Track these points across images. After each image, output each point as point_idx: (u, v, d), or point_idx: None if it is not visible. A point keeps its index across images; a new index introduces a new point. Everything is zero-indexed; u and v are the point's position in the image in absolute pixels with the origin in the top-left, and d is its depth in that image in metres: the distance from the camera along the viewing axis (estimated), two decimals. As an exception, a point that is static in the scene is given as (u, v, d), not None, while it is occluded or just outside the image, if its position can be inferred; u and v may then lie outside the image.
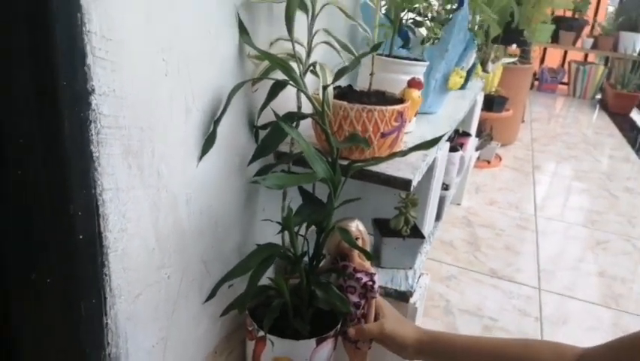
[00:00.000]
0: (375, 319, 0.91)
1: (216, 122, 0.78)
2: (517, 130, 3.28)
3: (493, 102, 2.45)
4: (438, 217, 1.38)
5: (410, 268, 1.08)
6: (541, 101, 4.98)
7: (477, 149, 2.24)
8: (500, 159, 2.80)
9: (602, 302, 1.56)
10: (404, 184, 0.83)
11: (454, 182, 1.55)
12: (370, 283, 0.88)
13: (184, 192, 0.76)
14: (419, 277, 1.09)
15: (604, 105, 5.08)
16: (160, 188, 0.70)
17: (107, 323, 0.64)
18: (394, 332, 0.86)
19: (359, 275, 0.88)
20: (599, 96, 5.43)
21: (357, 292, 0.89)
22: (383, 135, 0.87)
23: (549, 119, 4.29)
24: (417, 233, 1.08)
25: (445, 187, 1.41)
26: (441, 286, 1.52)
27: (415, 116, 1.10)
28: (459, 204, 2.14)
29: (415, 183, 0.85)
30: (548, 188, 2.55)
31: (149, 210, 0.69)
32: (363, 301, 0.89)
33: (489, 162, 2.68)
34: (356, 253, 0.89)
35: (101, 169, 0.59)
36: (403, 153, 0.79)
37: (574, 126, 4.08)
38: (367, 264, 0.90)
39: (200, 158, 0.77)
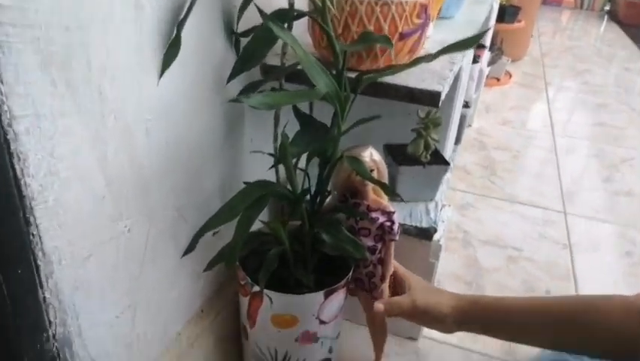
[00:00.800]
0: (396, 291, 0.75)
1: (180, 24, 0.58)
2: (528, 44, 3.04)
3: (505, 12, 2.22)
4: (458, 140, 1.20)
5: (431, 200, 0.92)
6: (547, 15, 4.68)
7: (487, 65, 2.03)
8: (510, 75, 2.59)
9: (635, 224, 1.41)
10: (431, 98, 0.65)
11: (473, 99, 1.36)
12: (388, 223, 0.71)
13: (142, 118, 0.57)
14: (441, 209, 0.93)
15: (613, 16, 4.78)
16: (105, 114, 0.51)
17: (44, 297, 0.48)
18: (428, 304, 0.71)
19: (374, 215, 0.72)
20: (607, 7, 5.10)
21: (372, 235, 0.73)
22: (402, 37, 0.68)
23: (557, 33, 4.02)
24: (439, 159, 0.90)
25: (466, 104, 1.22)
26: (457, 216, 1.37)
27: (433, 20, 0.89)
28: (469, 126, 1.95)
29: (443, 97, 0.66)
30: (563, 104, 2.36)
31: (92, 145, 0.50)
32: (379, 245, 0.73)
33: (498, 80, 2.47)
34: (370, 188, 0.72)
35: (6, 88, 0.41)
36: (432, 57, 0.59)
37: (583, 39, 3.82)
38: (384, 201, 0.73)
39: (161, 73, 0.58)
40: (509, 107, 2.23)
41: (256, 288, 0.73)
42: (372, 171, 0.69)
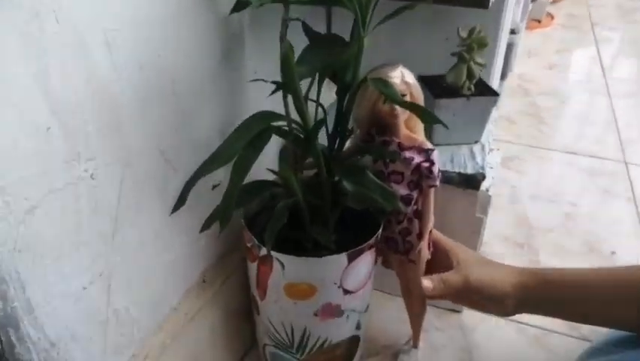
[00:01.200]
0: (437, 266, 0.60)
1: None
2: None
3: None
4: (503, 74, 1.03)
5: (476, 141, 0.75)
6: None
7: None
8: (552, 17, 2.35)
9: None
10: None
11: (519, 26, 1.17)
12: (426, 164, 0.56)
13: (99, 27, 0.43)
14: (489, 153, 0.77)
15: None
16: (40, 12, 0.37)
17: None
18: (484, 282, 0.56)
19: (408, 154, 0.56)
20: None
21: (406, 181, 0.58)
22: None
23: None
24: (485, 89, 0.74)
25: (512, 31, 1.04)
26: (502, 170, 1.20)
27: None
28: (510, 71, 1.75)
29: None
30: (614, 46, 2.13)
31: (23, 55, 0.36)
32: (415, 193, 0.58)
33: (539, 22, 2.25)
34: (401, 120, 0.56)
35: None
36: None
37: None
38: (421, 136, 0.58)
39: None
40: (553, 50, 2.01)
41: (264, 251, 0.59)
42: (404, 96, 0.53)
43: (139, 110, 0.49)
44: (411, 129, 0.57)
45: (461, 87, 0.71)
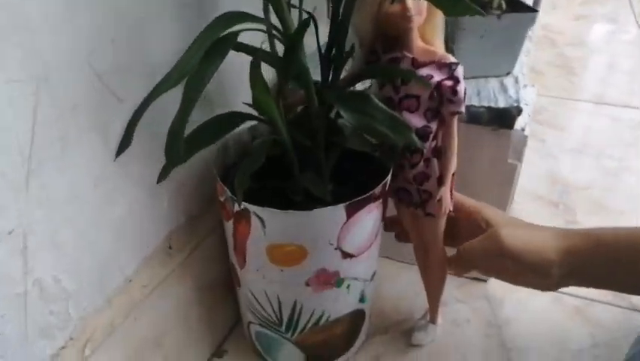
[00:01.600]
0: (462, 233, 0.47)
1: None
2: None
3: None
4: (536, 3, 0.88)
5: (508, 73, 0.61)
6: None
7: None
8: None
9: None
10: None
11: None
12: (450, 82, 0.42)
13: None
14: (524, 87, 0.62)
15: None
16: None
17: None
18: (522, 246, 0.44)
19: (425, 71, 0.42)
20: None
21: (423, 109, 0.44)
22: None
23: None
24: (519, 5, 0.59)
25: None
26: (530, 123, 1.05)
27: None
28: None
29: None
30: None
31: None
32: (434, 125, 0.44)
33: (564, -28, 2.06)
34: (416, 26, 0.42)
35: None
36: None
37: None
38: (440, 50, 0.43)
39: None
40: (579, 2, 1.83)
41: (240, 206, 0.46)
42: None
43: (56, 9, 0.36)
44: (427, 42, 0.43)
45: (490, 2, 0.57)
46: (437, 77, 0.42)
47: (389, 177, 0.48)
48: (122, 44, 0.42)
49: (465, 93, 0.42)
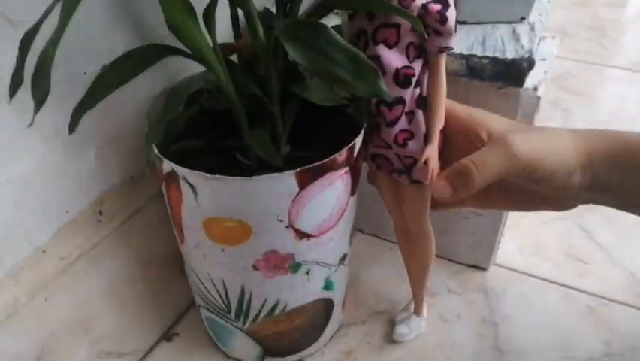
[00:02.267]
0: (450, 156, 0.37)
1: None
2: None
3: None
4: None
5: (522, 18, 0.50)
6: None
7: None
8: None
9: None
10: None
11: None
12: (437, 6, 0.31)
13: None
14: (540, 40, 0.51)
15: None
16: None
17: None
18: (538, 151, 0.34)
19: None
20: None
21: (404, 43, 0.33)
22: None
23: None
24: None
25: None
26: (554, 90, 0.93)
27: None
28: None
29: None
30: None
31: None
32: (417, 65, 0.34)
33: None
34: None
35: None
36: None
37: None
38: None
39: None
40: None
41: (168, 166, 0.36)
42: None
43: None
44: None
45: None
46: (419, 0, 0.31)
47: (358, 140, 0.38)
48: None
49: (456, 23, 0.32)
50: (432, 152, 0.37)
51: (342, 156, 0.37)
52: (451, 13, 0.31)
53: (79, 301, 0.43)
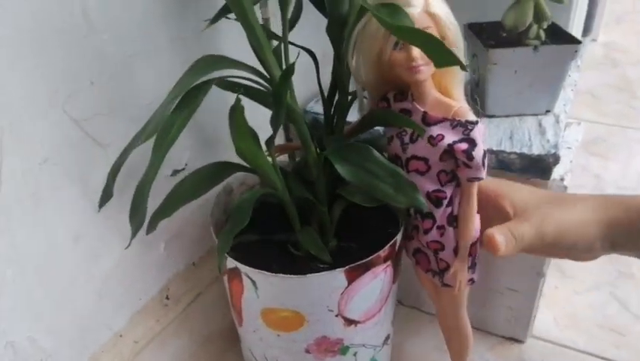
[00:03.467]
0: (486, 221, 0.41)
1: None
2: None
3: None
4: (587, 28, 0.79)
5: (547, 111, 0.54)
6: None
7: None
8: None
9: None
10: None
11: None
12: (464, 146, 0.36)
13: None
14: (565, 128, 0.55)
15: None
16: None
17: None
18: (561, 228, 0.37)
19: (436, 130, 0.37)
20: None
21: (435, 171, 0.38)
22: None
23: None
24: (560, 35, 0.52)
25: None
26: (583, 155, 0.96)
27: None
28: (594, 40, 1.48)
29: None
30: None
31: None
32: (448, 190, 0.38)
33: (632, -15, 1.92)
34: (428, 76, 0.36)
35: None
36: None
37: None
38: (459, 100, 0.38)
39: None
40: (648, 17, 1.70)
41: (231, 263, 0.41)
42: (427, 29, 0.34)
43: (29, 54, 0.33)
44: (444, 91, 0.38)
45: (526, 33, 0.51)
46: (449, 138, 0.36)
47: (398, 237, 0.43)
48: (104, 86, 0.39)
49: (485, 157, 0.36)
50: (460, 265, 0.40)
51: (384, 252, 0.41)
52: (478, 152, 0.35)
53: (148, 379, 0.48)
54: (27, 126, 0.35)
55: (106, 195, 0.38)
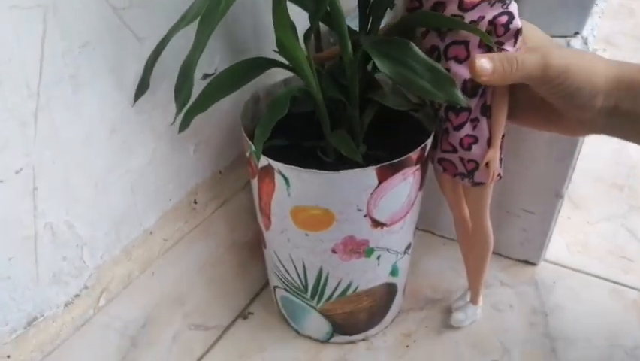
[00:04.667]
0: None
1: None
2: None
3: None
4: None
5: (576, 33, 0.54)
6: None
7: None
8: None
9: None
10: None
11: None
12: (504, 18, 0.36)
13: None
14: (593, 51, 0.55)
15: None
16: None
17: None
18: (570, 64, 0.36)
19: (475, 13, 0.37)
20: None
21: (473, 52, 0.38)
22: None
23: None
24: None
25: None
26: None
27: None
28: (613, -10, 1.45)
29: None
30: None
31: None
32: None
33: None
34: None
35: None
36: None
37: None
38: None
39: None
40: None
41: (264, 161, 0.42)
42: None
43: None
44: None
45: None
46: (489, 15, 0.36)
47: (429, 141, 0.43)
48: None
49: (519, 32, 0.36)
50: (493, 155, 0.42)
51: (416, 154, 0.42)
52: (515, 24, 0.36)
53: (177, 277, 0.50)
54: (69, 5, 0.34)
55: (142, 87, 0.39)
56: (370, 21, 0.43)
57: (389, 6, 0.41)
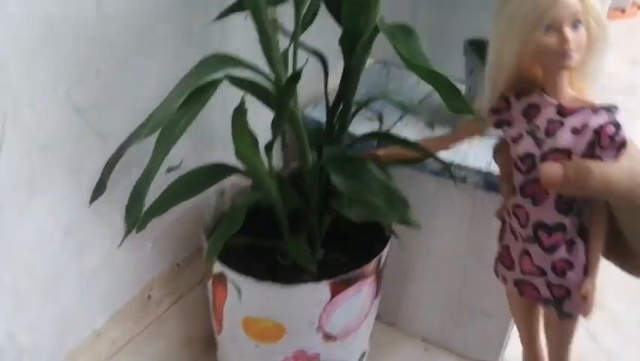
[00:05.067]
0: None
1: None
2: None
3: None
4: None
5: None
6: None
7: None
8: (639, 7, 2.06)
9: None
10: None
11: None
12: (612, 129, 0.31)
13: None
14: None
15: None
16: None
17: None
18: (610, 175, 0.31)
19: (577, 120, 0.33)
20: None
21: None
22: None
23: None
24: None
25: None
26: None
27: None
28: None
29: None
30: None
31: None
32: None
33: (624, 11, 1.97)
34: (564, 73, 0.33)
35: None
36: None
37: None
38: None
39: None
40: (639, 43, 1.73)
41: (218, 267, 0.41)
42: (577, 22, 0.31)
43: (37, 39, 0.33)
44: (579, 90, 0.34)
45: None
46: (594, 122, 0.32)
47: (384, 253, 0.43)
48: (109, 77, 0.39)
49: (624, 146, 0.31)
50: (592, 286, 0.34)
51: (370, 266, 0.42)
52: (621, 137, 0.31)
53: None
54: (30, 111, 0.34)
55: (99, 189, 0.38)
56: (336, 129, 0.43)
57: (353, 117, 0.42)
